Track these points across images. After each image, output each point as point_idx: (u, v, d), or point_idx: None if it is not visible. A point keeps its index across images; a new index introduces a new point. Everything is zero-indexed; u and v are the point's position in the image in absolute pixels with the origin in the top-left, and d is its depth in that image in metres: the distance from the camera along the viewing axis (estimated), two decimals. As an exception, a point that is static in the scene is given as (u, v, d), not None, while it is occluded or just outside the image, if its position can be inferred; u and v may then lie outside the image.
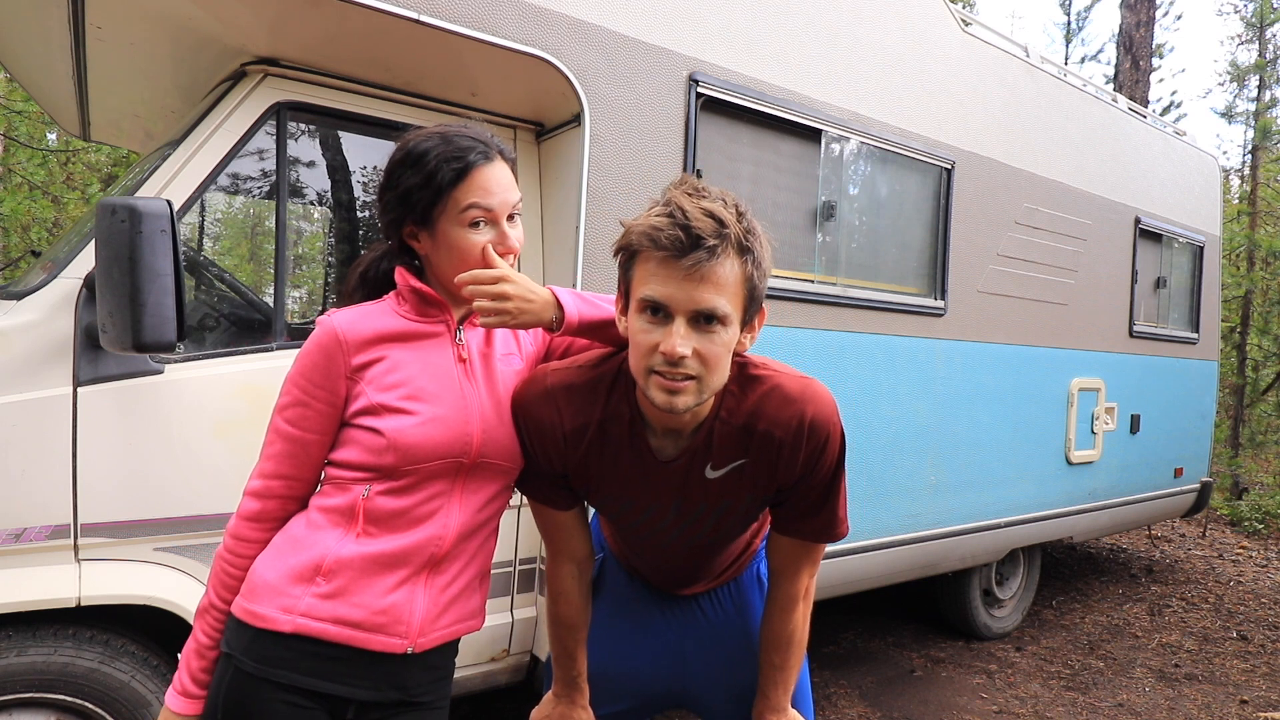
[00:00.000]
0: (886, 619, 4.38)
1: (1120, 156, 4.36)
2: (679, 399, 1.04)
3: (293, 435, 1.13)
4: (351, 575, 1.10)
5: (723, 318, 1.03)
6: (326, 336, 1.13)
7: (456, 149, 1.15)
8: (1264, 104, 11.60)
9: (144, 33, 2.22)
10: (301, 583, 1.09)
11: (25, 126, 7.14)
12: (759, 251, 1.05)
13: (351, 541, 1.11)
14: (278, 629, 1.07)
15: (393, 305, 1.21)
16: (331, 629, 1.08)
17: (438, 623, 1.16)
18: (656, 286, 1.02)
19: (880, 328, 3.11)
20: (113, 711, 1.79)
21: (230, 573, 1.14)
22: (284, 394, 1.15)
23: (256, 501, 1.15)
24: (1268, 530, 7.35)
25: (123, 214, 1.53)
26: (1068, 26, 18.27)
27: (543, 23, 2.20)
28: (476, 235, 1.15)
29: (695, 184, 1.06)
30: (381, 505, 1.12)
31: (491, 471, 1.20)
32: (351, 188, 2.39)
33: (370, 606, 1.10)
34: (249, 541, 1.14)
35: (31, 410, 1.70)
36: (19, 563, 1.71)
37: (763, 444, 1.17)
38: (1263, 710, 3.44)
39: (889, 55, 3.12)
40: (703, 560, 1.38)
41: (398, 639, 1.12)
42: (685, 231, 0.99)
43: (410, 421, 1.11)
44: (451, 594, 1.18)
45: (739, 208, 1.05)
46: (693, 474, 1.21)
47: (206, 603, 1.15)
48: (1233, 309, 10.06)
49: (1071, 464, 4.09)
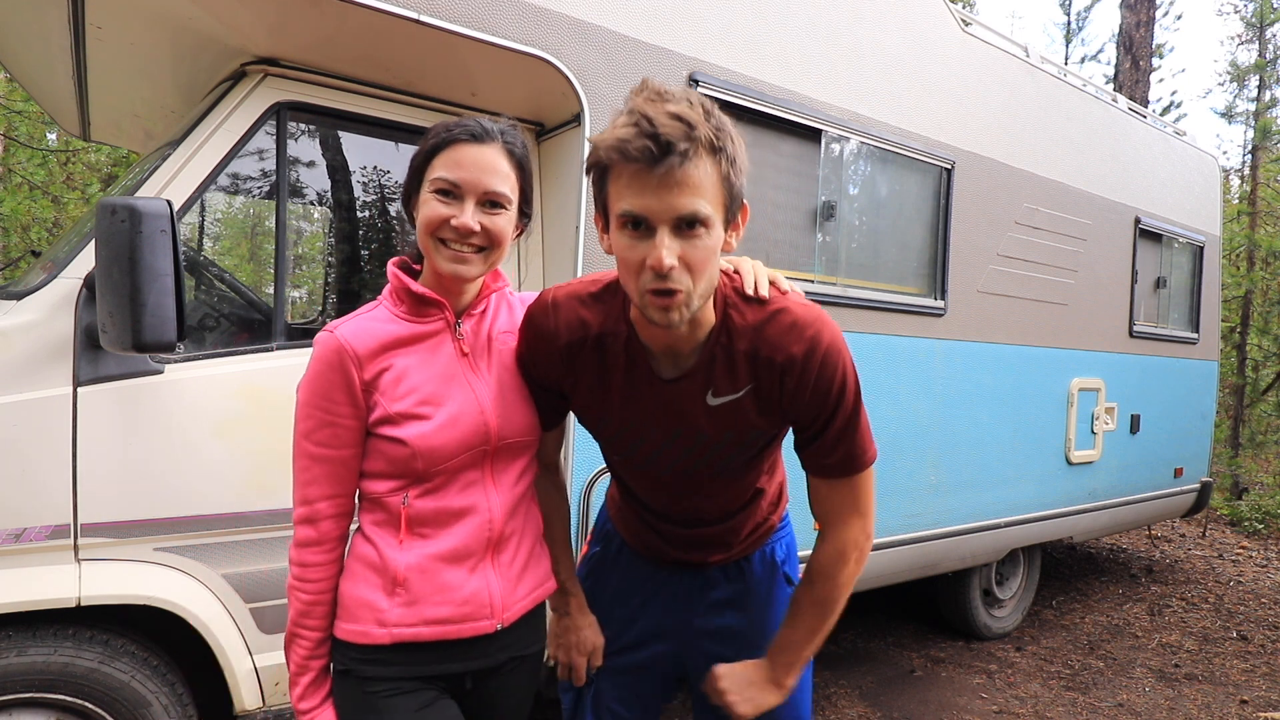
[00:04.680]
0: (886, 619, 4.38)
1: (1120, 156, 4.36)
2: (673, 313, 1.02)
3: (329, 456, 1.14)
4: (425, 578, 1.14)
5: (704, 220, 0.99)
6: (335, 354, 1.13)
7: (450, 126, 1.16)
8: (1264, 104, 11.60)
9: (144, 33, 2.22)
10: (385, 597, 1.14)
11: (25, 126, 7.14)
12: (731, 148, 1.01)
13: (409, 547, 1.15)
14: (379, 642, 1.13)
15: (389, 307, 1.20)
16: (425, 630, 1.14)
17: (515, 595, 1.23)
18: (633, 199, 0.99)
19: (880, 328, 3.11)
20: (113, 711, 1.79)
21: (305, 600, 1.16)
22: (305, 419, 1.14)
23: (311, 528, 1.16)
24: (1268, 530, 7.35)
25: (123, 214, 1.53)
26: (1068, 26, 18.28)
27: (542, 23, 2.20)
28: (435, 204, 1.13)
29: (657, 88, 1.01)
30: (423, 507, 1.15)
31: (515, 448, 1.23)
32: (351, 188, 2.39)
33: (453, 600, 1.16)
34: (315, 565, 1.16)
35: (31, 410, 1.70)
36: (19, 563, 1.71)
37: (768, 370, 1.13)
38: (1263, 710, 3.44)
39: (889, 55, 3.11)
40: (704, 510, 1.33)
41: (486, 621, 1.18)
42: (654, 140, 0.95)
43: (429, 426, 1.13)
44: (518, 567, 1.24)
45: (704, 106, 1.01)
46: (693, 400, 1.17)
47: (290, 634, 1.18)
48: (1233, 309, 10.06)
49: (1071, 464, 4.09)
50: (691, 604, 1.44)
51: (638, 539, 1.46)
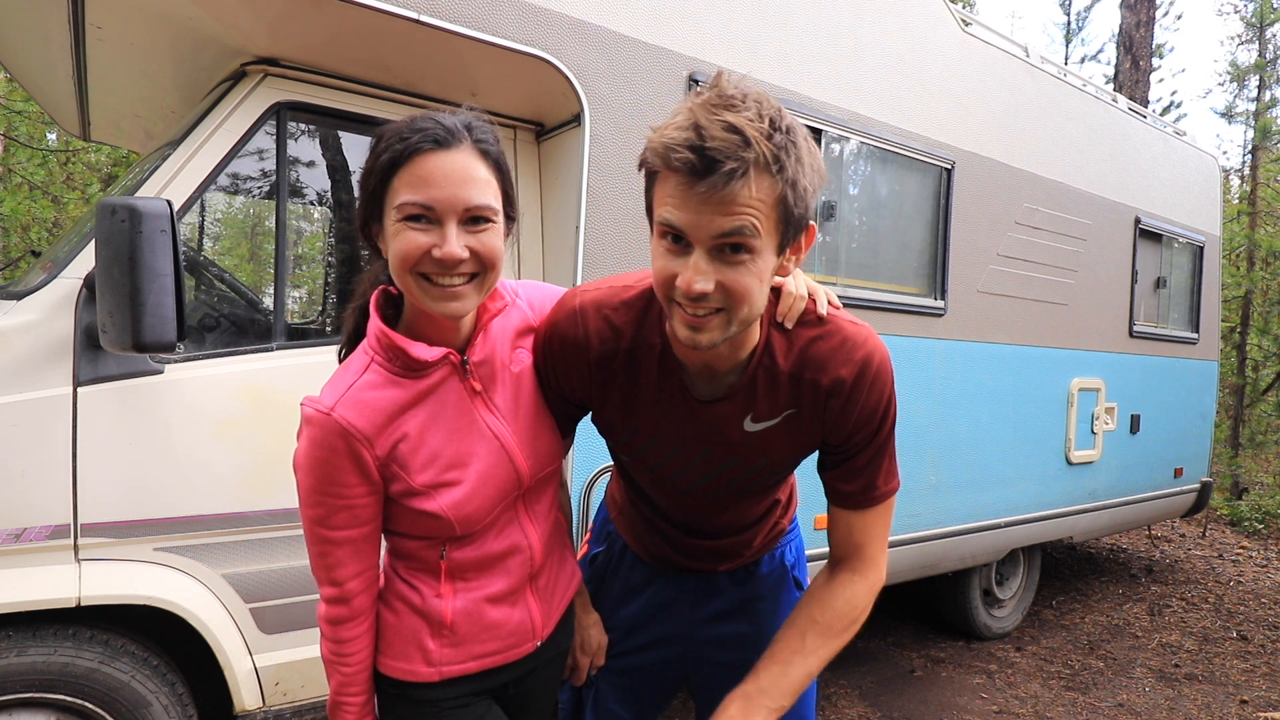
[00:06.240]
0: (886, 619, 4.38)
1: (1120, 156, 4.36)
2: (703, 335, 0.93)
3: (349, 537, 1.04)
4: (472, 620, 1.13)
5: (749, 243, 0.88)
6: (340, 439, 0.98)
7: (406, 131, 0.95)
8: (1264, 104, 11.60)
9: (144, 33, 2.22)
10: (431, 638, 1.12)
11: (25, 126, 7.14)
12: (794, 168, 0.88)
13: (455, 595, 1.12)
14: (426, 680, 1.12)
15: (382, 365, 1.03)
16: (472, 665, 1.14)
17: (552, 611, 1.23)
18: (673, 210, 0.88)
19: (880, 328, 3.11)
20: (113, 711, 1.79)
21: (347, 673, 1.12)
22: (313, 505, 1.01)
23: (343, 607, 1.08)
24: (1268, 530, 7.35)
25: (123, 214, 1.53)
26: (1068, 26, 18.29)
27: (542, 23, 2.20)
28: (410, 234, 0.94)
29: (723, 89, 0.89)
30: (462, 558, 1.11)
31: (545, 479, 1.19)
32: (351, 188, 2.39)
33: (499, 637, 1.15)
34: (353, 640, 1.11)
35: (31, 410, 1.70)
36: (19, 563, 1.71)
37: (813, 393, 1.05)
38: (1263, 710, 3.44)
39: (889, 55, 3.11)
40: (721, 523, 1.28)
41: (529, 644, 1.19)
42: (699, 154, 0.84)
43: (460, 492, 1.05)
44: (552, 584, 1.24)
45: (772, 119, 0.88)
46: (729, 423, 1.09)
47: (334, 702, 1.14)
48: (1233, 309, 10.06)
49: (1071, 464, 4.09)
50: (697, 610, 1.42)
51: (641, 543, 1.42)
